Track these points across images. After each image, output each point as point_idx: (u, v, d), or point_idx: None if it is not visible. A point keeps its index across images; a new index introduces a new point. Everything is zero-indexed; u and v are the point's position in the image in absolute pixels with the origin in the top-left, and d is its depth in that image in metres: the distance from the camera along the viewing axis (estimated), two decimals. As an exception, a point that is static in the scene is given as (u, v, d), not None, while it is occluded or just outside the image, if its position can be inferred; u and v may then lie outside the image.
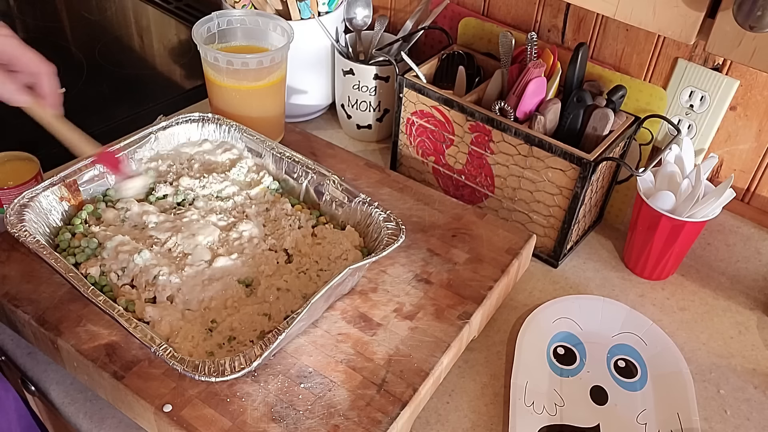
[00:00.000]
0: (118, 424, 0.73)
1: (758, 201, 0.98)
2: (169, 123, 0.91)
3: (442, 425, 0.75)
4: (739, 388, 0.82)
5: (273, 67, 0.94)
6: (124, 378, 0.68)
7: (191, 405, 0.67)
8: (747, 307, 0.92)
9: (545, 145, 0.88)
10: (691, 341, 0.87)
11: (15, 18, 1.43)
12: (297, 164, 0.88)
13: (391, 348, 0.74)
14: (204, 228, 0.81)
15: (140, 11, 1.45)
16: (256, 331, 0.72)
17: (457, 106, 0.94)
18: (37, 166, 0.88)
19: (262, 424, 0.66)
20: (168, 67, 1.31)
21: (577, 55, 0.91)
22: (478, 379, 0.80)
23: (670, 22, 0.62)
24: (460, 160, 0.99)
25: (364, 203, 0.82)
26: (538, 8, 1.03)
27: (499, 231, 0.89)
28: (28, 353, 0.80)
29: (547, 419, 0.76)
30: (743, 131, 0.95)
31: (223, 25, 0.99)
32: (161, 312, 0.72)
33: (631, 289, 0.94)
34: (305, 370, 0.71)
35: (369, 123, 1.13)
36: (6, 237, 0.81)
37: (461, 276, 0.82)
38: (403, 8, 1.19)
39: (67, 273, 0.70)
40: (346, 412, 0.67)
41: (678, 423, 0.76)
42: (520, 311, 0.88)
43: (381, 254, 0.74)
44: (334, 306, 0.78)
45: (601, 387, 0.80)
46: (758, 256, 0.97)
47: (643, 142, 0.96)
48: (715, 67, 0.92)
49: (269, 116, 0.99)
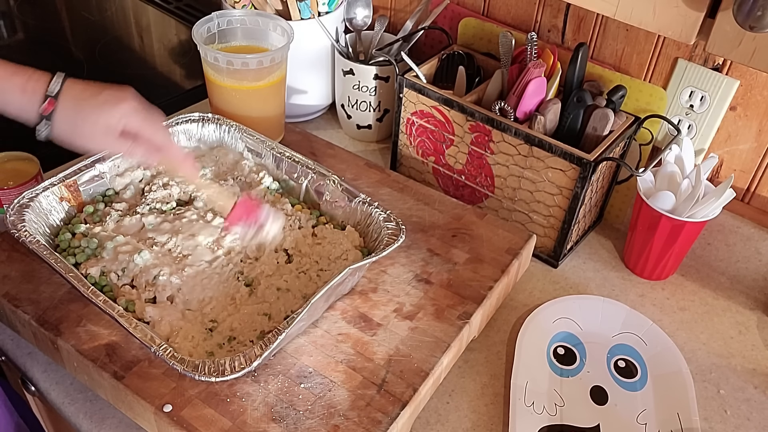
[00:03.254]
0: (118, 424, 0.73)
1: (758, 201, 0.98)
2: (169, 123, 0.91)
3: (442, 425, 0.75)
4: (739, 388, 0.82)
5: (273, 67, 0.94)
6: (124, 378, 0.68)
7: (191, 405, 0.67)
8: (747, 307, 0.92)
9: (545, 145, 0.88)
10: (691, 341, 0.87)
11: (15, 18, 1.43)
12: (297, 164, 0.88)
13: (391, 348, 0.74)
14: (204, 228, 0.81)
15: (140, 11, 1.45)
16: (256, 331, 0.73)
17: (457, 106, 0.94)
18: (37, 166, 0.88)
19: (262, 424, 0.66)
20: (168, 67, 1.31)
21: (577, 55, 0.91)
22: (478, 379, 0.80)
23: (670, 22, 0.62)
24: (460, 160, 0.99)
25: (364, 203, 0.82)
26: (538, 8, 1.03)
27: (499, 231, 0.89)
28: (28, 353, 0.80)
29: (547, 419, 0.76)
30: (743, 131, 0.95)
31: (223, 25, 0.99)
32: (161, 312, 0.72)
33: (631, 289, 0.94)
34: (305, 370, 0.71)
35: (369, 123, 1.13)
36: (6, 237, 0.81)
37: (461, 276, 0.82)
38: (403, 8, 1.19)
39: (67, 273, 0.70)
40: (346, 412, 0.67)
41: (678, 423, 0.76)
42: (520, 311, 0.88)
43: (381, 254, 0.74)
44: (334, 306, 0.78)
45: (601, 387, 0.80)
46: (758, 256, 0.97)
47: (643, 142, 0.96)
48: (715, 67, 0.92)
49: (269, 116, 0.99)
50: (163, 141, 0.76)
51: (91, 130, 0.71)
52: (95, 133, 0.71)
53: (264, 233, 0.79)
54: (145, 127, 0.73)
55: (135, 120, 0.72)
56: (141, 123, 0.73)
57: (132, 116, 0.72)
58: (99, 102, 0.71)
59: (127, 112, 0.72)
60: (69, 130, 0.71)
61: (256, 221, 0.79)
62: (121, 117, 0.71)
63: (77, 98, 0.71)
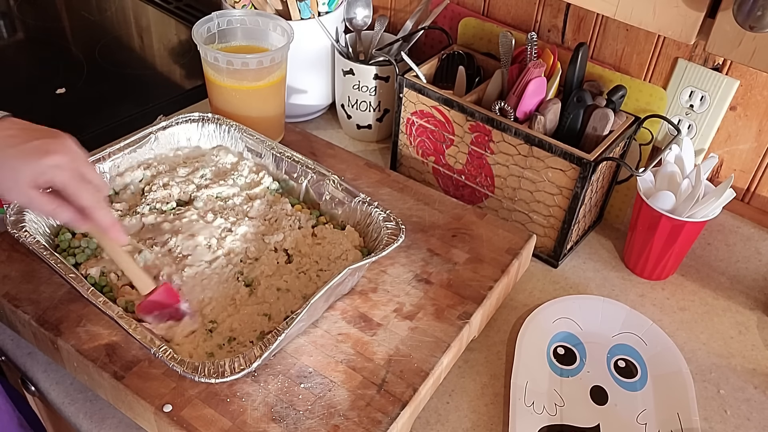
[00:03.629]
0: (118, 424, 0.73)
1: (758, 201, 0.98)
2: (169, 123, 0.91)
3: (442, 425, 0.75)
4: (739, 388, 0.82)
5: (273, 67, 0.94)
6: (124, 378, 0.68)
7: (191, 405, 0.67)
8: (747, 307, 0.92)
9: (545, 145, 0.88)
10: (691, 341, 0.87)
11: (15, 18, 1.43)
12: (297, 164, 0.88)
13: (391, 348, 0.74)
14: (204, 228, 0.81)
15: (140, 11, 1.45)
16: (256, 332, 0.72)
17: (457, 106, 0.94)
18: (37, 167, 0.87)
19: (262, 425, 0.66)
20: (168, 67, 1.31)
21: (577, 55, 0.91)
22: (478, 379, 0.80)
23: (670, 22, 0.62)
24: (460, 160, 0.99)
25: (364, 203, 0.82)
26: (538, 8, 1.03)
27: (499, 231, 0.89)
28: (28, 353, 0.80)
29: (547, 419, 0.76)
30: (743, 131, 0.95)
31: (223, 25, 0.99)
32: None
33: (631, 289, 0.94)
34: (305, 370, 0.71)
35: (369, 123, 1.13)
36: (6, 237, 0.81)
37: (461, 276, 0.82)
38: (403, 8, 1.19)
39: (67, 273, 0.70)
40: (346, 412, 0.67)
41: (678, 423, 0.76)
42: (520, 311, 0.88)
43: (381, 254, 0.74)
44: (334, 306, 0.78)
45: (601, 387, 0.80)
46: (758, 256, 0.97)
47: (643, 142, 0.96)
48: (715, 67, 0.92)
49: (269, 116, 0.99)
50: (90, 203, 0.67)
51: (11, 180, 0.64)
52: (16, 184, 0.64)
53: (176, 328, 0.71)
54: (72, 184, 0.65)
55: (62, 175, 0.65)
56: (68, 179, 0.65)
57: (59, 170, 0.64)
58: (26, 150, 0.64)
59: (56, 164, 0.64)
60: None
61: (171, 316, 0.71)
62: (46, 170, 0.64)
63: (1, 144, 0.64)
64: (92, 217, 0.67)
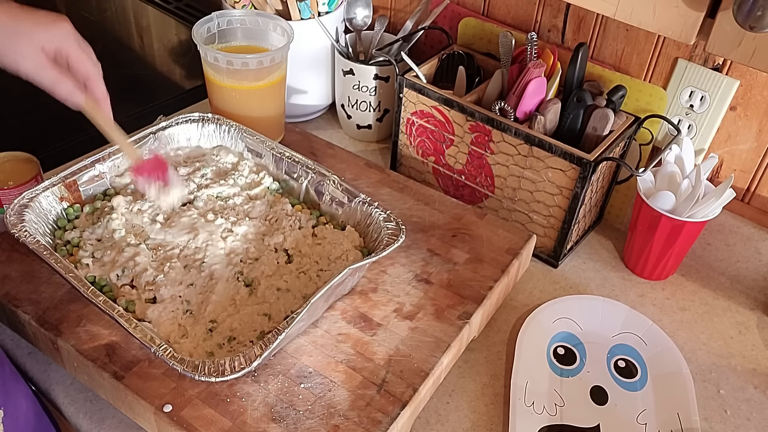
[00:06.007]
0: (118, 424, 0.73)
1: (758, 201, 0.98)
2: (169, 123, 0.91)
3: (442, 425, 0.75)
4: (739, 388, 0.82)
5: (273, 67, 0.94)
6: (124, 378, 0.68)
7: (191, 405, 0.67)
8: (747, 307, 0.92)
9: (545, 145, 0.88)
10: (691, 341, 0.87)
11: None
12: (297, 164, 0.88)
13: (391, 348, 0.74)
14: (204, 228, 0.81)
15: (140, 11, 1.45)
16: (256, 332, 0.72)
17: (457, 106, 0.94)
18: (37, 166, 0.88)
19: (262, 425, 0.66)
20: (168, 67, 1.31)
21: (577, 55, 0.91)
22: (478, 379, 0.80)
23: (670, 22, 0.62)
24: (460, 160, 0.99)
25: (364, 203, 0.82)
26: (538, 8, 1.03)
27: (499, 231, 0.89)
28: (28, 353, 0.80)
29: (547, 419, 0.76)
30: (743, 131, 0.95)
31: (223, 25, 0.99)
32: (161, 312, 0.72)
33: (631, 289, 0.94)
34: (305, 370, 0.71)
35: (369, 123, 1.13)
36: (6, 237, 0.81)
37: (461, 276, 0.82)
38: (403, 8, 1.19)
39: (67, 273, 0.70)
40: (346, 412, 0.67)
41: (678, 423, 0.76)
42: (520, 311, 0.88)
43: (381, 254, 0.74)
44: (334, 306, 0.78)
45: (601, 387, 0.80)
46: (758, 256, 0.96)
47: (643, 142, 0.96)
48: (715, 67, 0.92)
49: (269, 116, 0.99)
50: (91, 72, 0.73)
51: (26, 47, 0.68)
52: (30, 51, 0.69)
53: (167, 194, 0.79)
54: (78, 52, 0.71)
55: (70, 43, 0.71)
56: (75, 47, 0.71)
57: (68, 38, 0.71)
58: (37, 19, 0.69)
59: (65, 33, 0.70)
60: (2, 44, 0.68)
61: (161, 179, 0.79)
62: (57, 36, 0.70)
63: (14, 14, 0.68)
64: (90, 87, 0.73)
